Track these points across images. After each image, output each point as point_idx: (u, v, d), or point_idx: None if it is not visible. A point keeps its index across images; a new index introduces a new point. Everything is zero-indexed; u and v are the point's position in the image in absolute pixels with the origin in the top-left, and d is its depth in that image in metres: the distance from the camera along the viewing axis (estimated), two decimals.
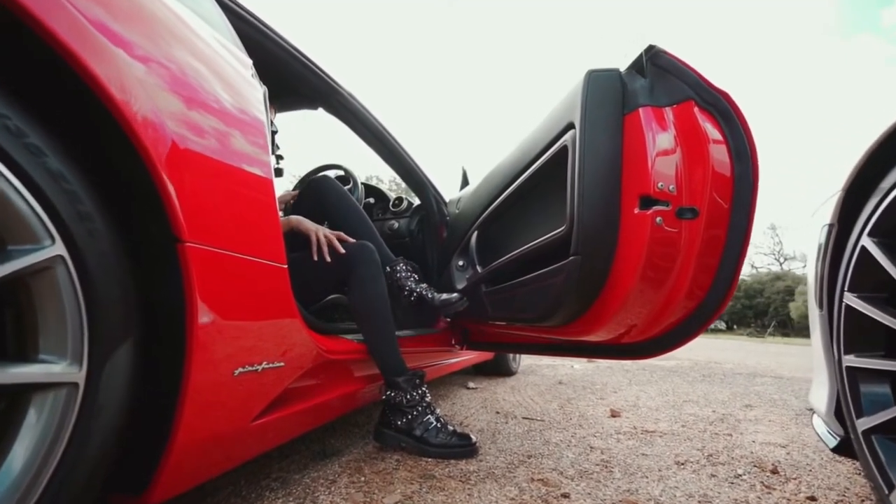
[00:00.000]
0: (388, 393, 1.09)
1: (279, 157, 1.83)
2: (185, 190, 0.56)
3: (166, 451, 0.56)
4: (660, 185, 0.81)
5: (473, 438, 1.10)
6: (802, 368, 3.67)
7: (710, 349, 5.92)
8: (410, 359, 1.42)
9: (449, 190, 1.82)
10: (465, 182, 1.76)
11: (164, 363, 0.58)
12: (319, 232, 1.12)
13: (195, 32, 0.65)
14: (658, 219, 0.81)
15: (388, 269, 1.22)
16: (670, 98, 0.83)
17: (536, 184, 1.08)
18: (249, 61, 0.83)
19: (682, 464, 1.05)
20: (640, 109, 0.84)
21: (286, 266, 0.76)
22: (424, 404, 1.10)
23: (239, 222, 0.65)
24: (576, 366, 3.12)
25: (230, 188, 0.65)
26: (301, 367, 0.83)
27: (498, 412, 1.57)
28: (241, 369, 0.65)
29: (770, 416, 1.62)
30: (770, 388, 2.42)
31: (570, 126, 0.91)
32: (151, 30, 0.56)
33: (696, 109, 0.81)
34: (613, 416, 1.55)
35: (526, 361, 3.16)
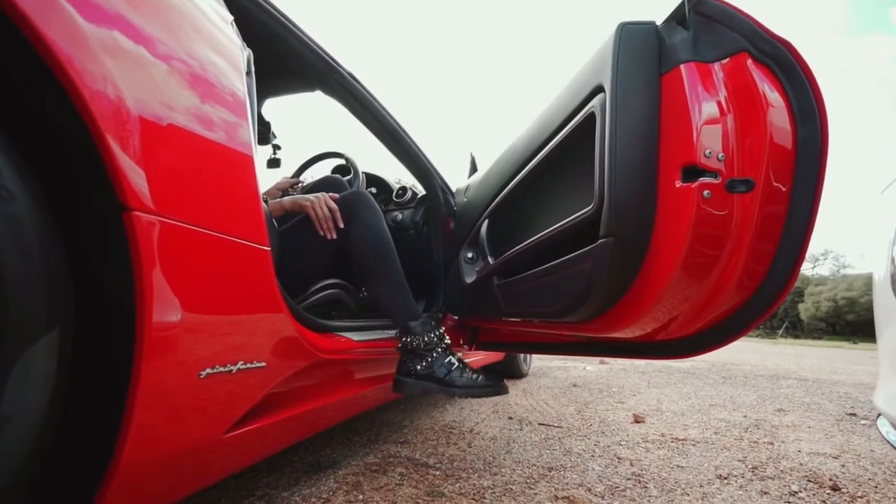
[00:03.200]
0: (404, 339, 1.00)
1: (276, 147, 1.72)
2: (135, 146, 0.45)
3: (108, 472, 0.45)
4: (707, 152, 0.69)
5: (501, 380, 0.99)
6: (826, 370, 3.51)
7: (724, 350, 5.74)
8: None
9: (457, 183, 1.70)
10: (473, 169, 1.64)
11: (107, 363, 0.47)
12: (317, 204, 1.00)
13: None
14: (705, 192, 0.69)
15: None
16: (719, 51, 0.71)
17: (557, 160, 0.96)
18: (230, 17, 0.72)
19: (725, 478, 0.92)
20: (682, 66, 0.72)
21: (268, 248, 0.65)
22: (443, 346, 1.01)
23: (207, 191, 0.54)
24: (588, 367, 2.98)
25: (196, 150, 0.53)
26: (288, 368, 0.72)
27: (511, 418, 1.44)
28: (209, 370, 0.54)
29: (808, 421, 1.48)
30: (797, 390, 2.27)
31: (599, 89, 0.79)
32: None
33: (750, 63, 0.69)
34: (637, 421, 1.42)
35: (536, 363, 3.03)
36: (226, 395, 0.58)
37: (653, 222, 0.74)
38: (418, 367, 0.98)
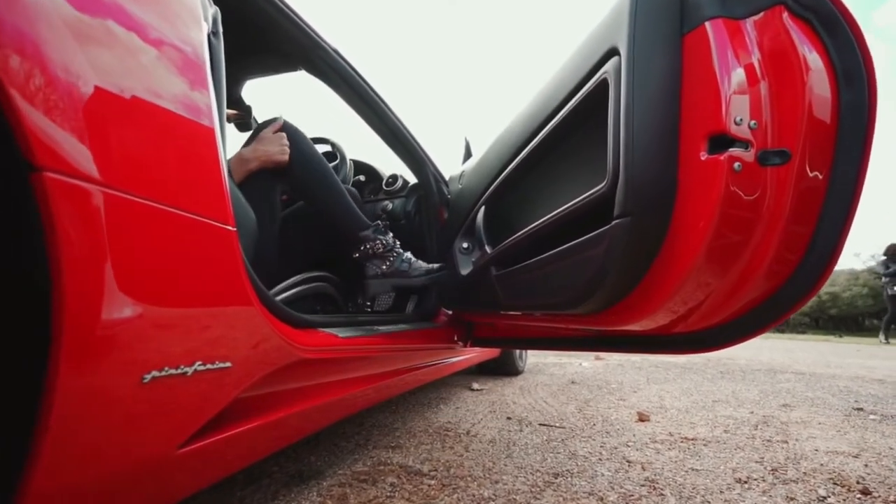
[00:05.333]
0: (362, 248, 1.10)
1: None
2: (48, 92, 0.36)
3: None
4: (738, 119, 0.61)
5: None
6: (820, 364, 3.50)
7: None
8: (406, 357, 1.21)
9: (451, 174, 1.61)
10: (467, 154, 1.55)
11: (19, 366, 0.37)
12: (285, 148, 1.00)
13: None
14: (736, 164, 0.60)
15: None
16: (750, 5, 0.63)
17: (564, 135, 0.87)
18: None
19: (745, 481, 0.85)
20: (707, 24, 0.64)
21: (234, 229, 0.55)
22: (398, 246, 1.15)
23: (150, 154, 0.44)
24: (584, 363, 2.92)
25: (137, 107, 0.44)
26: (260, 368, 0.62)
27: (509, 418, 1.36)
28: (155, 373, 0.44)
29: (816, 417, 1.43)
30: (798, 385, 2.23)
31: (612, 52, 0.71)
32: None
33: (786, 17, 0.61)
34: (641, 420, 1.35)
35: (530, 359, 2.96)
36: (179, 403, 0.48)
37: (674, 199, 0.66)
38: (384, 268, 1.12)
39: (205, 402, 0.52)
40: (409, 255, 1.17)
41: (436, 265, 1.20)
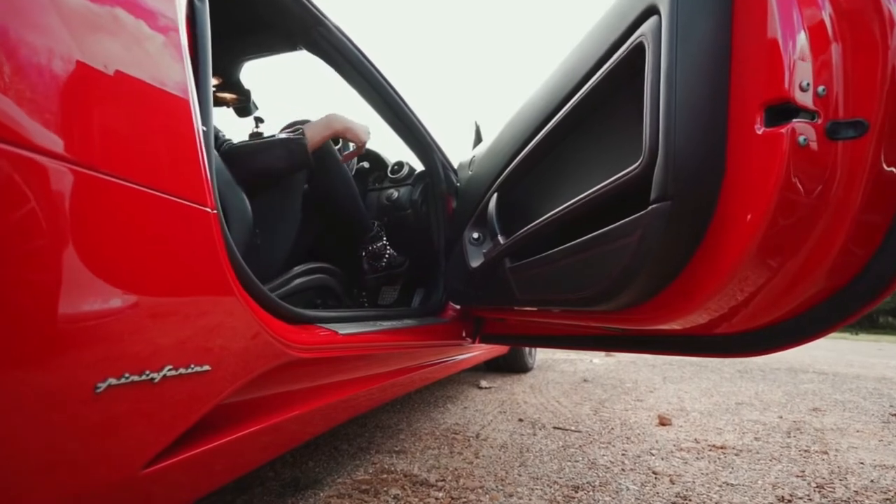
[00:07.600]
0: (370, 248, 1.26)
1: (259, 120, 1.53)
2: None
3: None
4: (804, 83, 0.51)
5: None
6: (841, 363, 3.38)
7: None
8: (411, 355, 1.14)
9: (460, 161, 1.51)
10: (478, 139, 1.46)
11: None
12: (369, 136, 1.11)
13: None
14: (801, 138, 0.51)
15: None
16: None
17: (590, 111, 0.78)
18: None
19: (789, 500, 0.76)
20: None
21: (213, 211, 0.48)
22: (388, 244, 1.32)
23: (104, 119, 0.37)
24: (595, 360, 2.84)
25: (85, 63, 0.36)
26: (245, 371, 0.55)
27: (521, 420, 1.28)
28: (112, 381, 0.37)
29: (853, 423, 1.33)
30: (823, 386, 2.13)
31: (651, 11, 0.62)
32: None
33: None
34: (663, 424, 1.27)
35: (539, 355, 2.88)
36: (143, 416, 0.41)
37: (721, 180, 0.57)
38: (384, 263, 1.29)
39: (176, 414, 0.45)
40: (392, 251, 1.36)
41: (401, 258, 1.36)
